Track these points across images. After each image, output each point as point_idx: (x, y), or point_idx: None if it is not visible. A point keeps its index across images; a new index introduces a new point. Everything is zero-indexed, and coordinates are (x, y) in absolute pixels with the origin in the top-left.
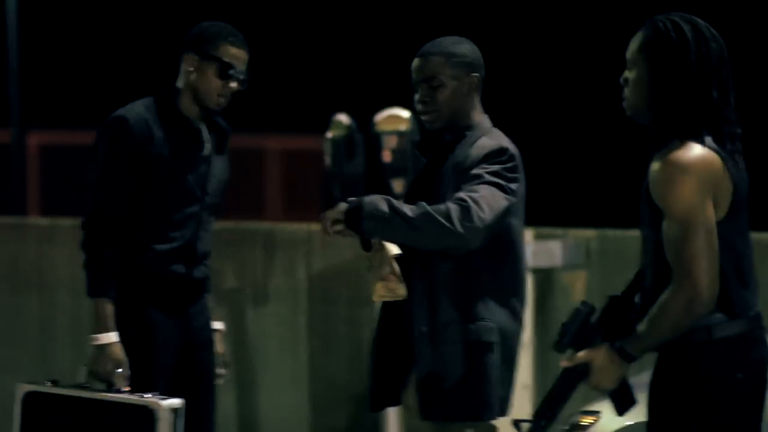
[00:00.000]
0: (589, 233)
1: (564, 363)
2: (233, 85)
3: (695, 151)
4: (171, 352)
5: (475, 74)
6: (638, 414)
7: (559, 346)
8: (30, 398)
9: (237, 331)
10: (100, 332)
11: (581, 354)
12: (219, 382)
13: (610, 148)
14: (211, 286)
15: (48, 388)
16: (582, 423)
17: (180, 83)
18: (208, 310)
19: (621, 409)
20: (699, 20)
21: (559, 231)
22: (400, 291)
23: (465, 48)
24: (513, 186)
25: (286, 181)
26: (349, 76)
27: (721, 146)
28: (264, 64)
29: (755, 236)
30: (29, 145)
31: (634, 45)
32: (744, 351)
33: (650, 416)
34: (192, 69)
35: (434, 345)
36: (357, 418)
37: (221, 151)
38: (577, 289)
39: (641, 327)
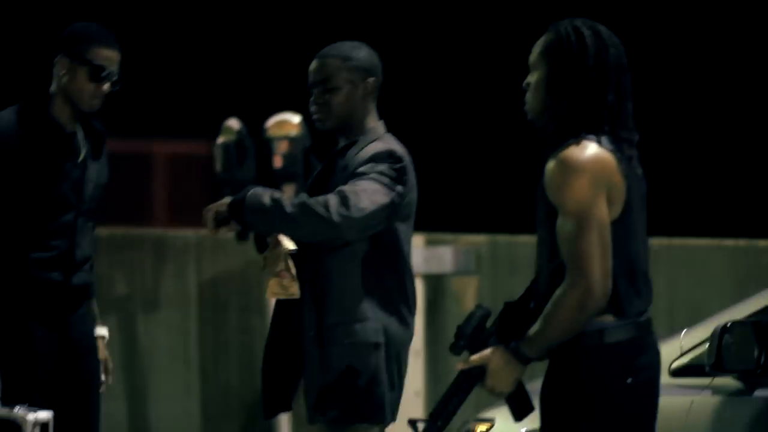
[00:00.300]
0: (480, 239)
1: (460, 365)
2: (105, 87)
3: (589, 149)
4: (49, 362)
5: (371, 79)
6: (533, 421)
7: (455, 349)
8: None
9: (127, 339)
10: None
11: (476, 356)
12: (102, 389)
13: (501, 154)
14: (94, 292)
15: None
16: (476, 430)
17: (53, 87)
18: (91, 318)
19: (518, 415)
20: (601, 27)
21: (449, 236)
22: (293, 289)
23: (363, 53)
24: (398, 188)
25: (173, 187)
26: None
27: (617, 149)
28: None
29: (695, 241)
30: None
31: (536, 49)
32: (634, 356)
33: (542, 420)
34: (64, 72)
35: (321, 347)
36: (249, 426)
37: (97, 156)
38: (468, 295)
39: (535, 326)
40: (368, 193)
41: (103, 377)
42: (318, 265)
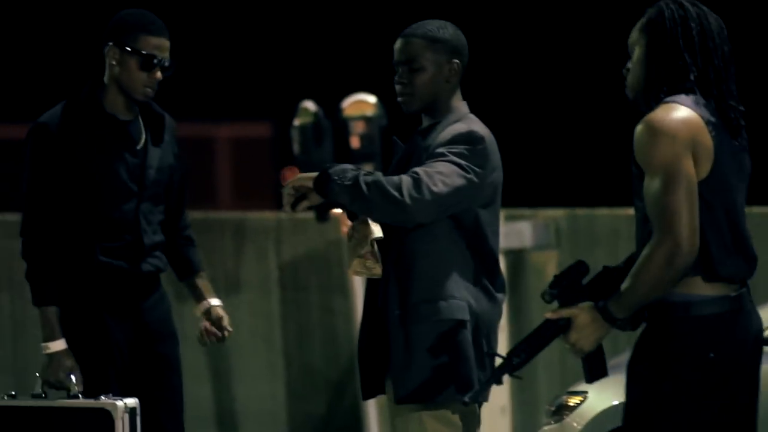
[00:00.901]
0: (559, 213)
1: (547, 314)
2: (158, 75)
3: (674, 110)
4: (125, 349)
5: (456, 61)
6: (623, 394)
7: (546, 296)
8: None
9: None
10: (49, 340)
11: (565, 309)
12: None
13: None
14: (199, 268)
15: (4, 402)
16: (569, 403)
17: (106, 77)
18: (166, 302)
19: (591, 376)
20: (699, 3)
21: (528, 211)
22: (377, 270)
23: (449, 33)
24: (477, 169)
25: (236, 170)
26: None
27: (714, 115)
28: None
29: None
30: None
31: (635, 29)
32: (720, 331)
33: (627, 389)
34: (114, 62)
35: (406, 326)
36: (334, 404)
37: (158, 140)
38: (548, 270)
39: (624, 284)
40: (443, 176)
41: (222, 339)
42: (401, 246)
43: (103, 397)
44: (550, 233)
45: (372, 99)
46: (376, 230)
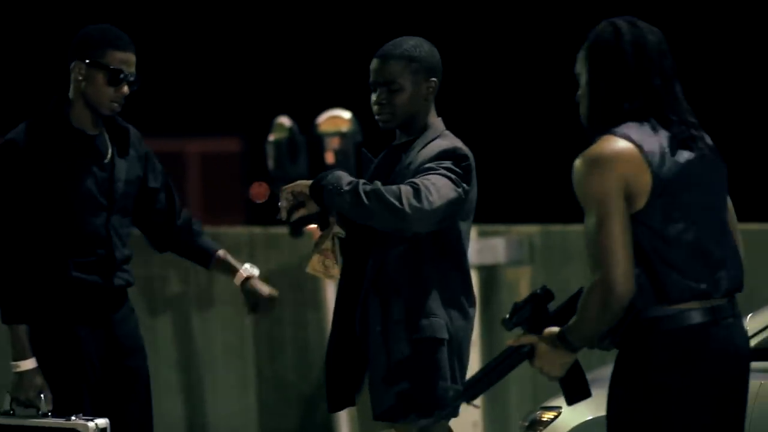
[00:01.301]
0: (532, 229)
1: (510, 342)
2: (124, 89)
3: (608, 144)
4: (96, 362)
5: (433, 79)
6: (597, 409)
7: (507, 323)
8: None
9: (182, 336)
10: (19, 359)
11: (527, 336)
12: (272, 305)
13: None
14: (213, 250)
15: None
16: (542, 419)
17: (71, 92)
18: (134, 316)
19: (570, 399)
20: (636, 19)
21: (501, 227)
22: (334, 271)
23: (425, 51)
24: (464, 184)
25: (206, 185)
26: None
27: (667, 133)
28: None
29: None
30: None
31: (579, 55)
32: (692, 343)
33: (608, 409)
34: (81, 77)
35: (387, 343)
36: (306, 420)
37: (124, 153)
38: (521, 285)
39: (573, 318)
40: (438, 187)
41: (268, 308)
42: (382, 262)
43: (74, 417)
44: (524, 249)
45: (347, 115)
46: (339, 228)
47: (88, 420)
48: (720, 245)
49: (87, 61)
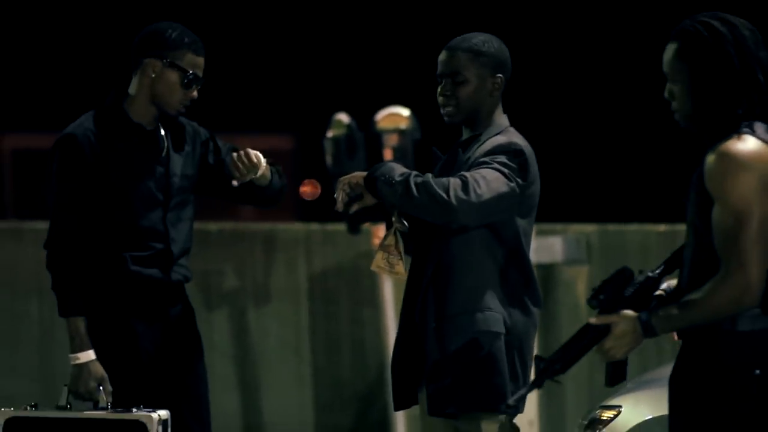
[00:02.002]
0: (590, 228)
1: (592, 320)
2: (194, 94)
3: (751, 144)
4: (155, 358)
5: (499, 75)
6: (658, 408)
7: (592, 301)
8: (11, 424)
9: (239, 332)
10: (77, 351)
11: (605, 317)
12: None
13: (609, 144)
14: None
15: (29, 413)
16: (602, 417)
17: (133, 88)
18: (192, 312)
19: (612, 381)
20: (723, 13)
21: (559, 226)
22: (399, 267)
23: (494, 47)
24: (518, 179)
25: None
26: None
27: None
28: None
29: None
30: (3, 149)
31: (669, 56)
32: (766, 347)
33: (670, 403)
34: (154, 75)
35: (441, 338)
36: (362, 417)
37: (180, 148)
38: (579, 284)
39: (676, 307)
40: (487, 181)
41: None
42: (440, 257)
43: (135, 410)
44: (582, 248)
45: (406, 112)
46: (402, 225)
47: (150, 412)
48: None
49: (164, 60)
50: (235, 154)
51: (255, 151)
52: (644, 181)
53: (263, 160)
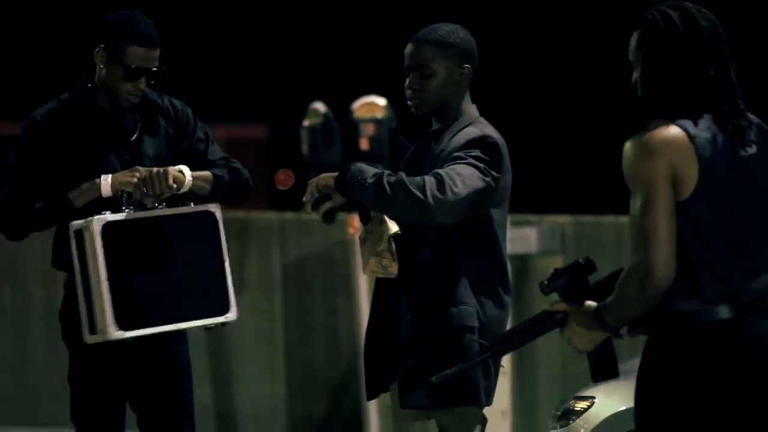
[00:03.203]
0: (564, 219)
1: (546, 306)
2: (141, 84)
3: (660, 130)
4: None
5: (466, 65)
6: (631, 399)
7: (543, 288)
8: (109, 228)
9: None
10: (98, 181)
11: (561, 304)
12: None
13: (583, 134)
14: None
15: (123, 216)
16: (575, 408)
17: (96, 74)
18: None
19: (596, 376)
20: (689, 4)
21: (534, 217)
22: (393, 269)
23: (459, 38)
24: (493, 172)
25: None
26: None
27: (719, 125)
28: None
29: None
30: None
31: (632, 44)
32: (723, 338)
33: (635, 398)
34: (102, 66)
35: (415, 331)
36: (335, 406)
37: (154, 130)
38: None
39: (610, 297)
40: (463, 177)
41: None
42: (413, 250)
43: (192, 203)
44: (556, 239)
45: (382, 101)
46: (393, 226)
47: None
48: (763, 245)
49: (108, 51)
50: (140, 175)
51: (174, 171)
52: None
53: (186, 177)
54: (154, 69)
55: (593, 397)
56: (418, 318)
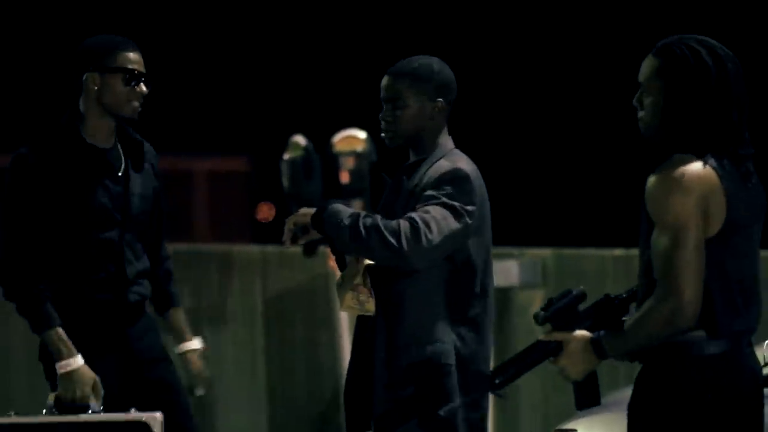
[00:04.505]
0: (546, 252)
1: (541, 337)
2: (142, 87)
3: (692, 165)
4: (113, 383)
5: (440, 99)
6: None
7: (538, 318)
8: None
9: None
10: (65, 358)
11: (559, 334)
12: (198, 392)
13: (566, 168)
14: (178, 302)
15: (18, 419)
16: None
17: (82, 107)
18: (155, 328)
19: (580, 404)
20: (714, 42)
21: (515, 250)
22: (369, 305)
23: (435, 71)
24: (468, 208)
25: (213, 203)
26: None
27: (728, 168)
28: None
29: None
30: None
31: (648, 69)
32: (719, 372)
33: (628, 427)
34: (96, 87)
35: (390, 369)
36: None
37: (139, 167)
38: (534, 308)
39: (621, 329)
40: (437, 221)
41: (199, 391)
42: (389, 288)
43: (133, 410)
44: (537, 272)
45: (362, 134)
46: (367, 260)
47: (153, 412)
48: (758, 281)
49: (100, 69)
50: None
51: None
52: (600, 206)
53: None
54: (145, 73)
55: (575, 430)
56: (393, 356)
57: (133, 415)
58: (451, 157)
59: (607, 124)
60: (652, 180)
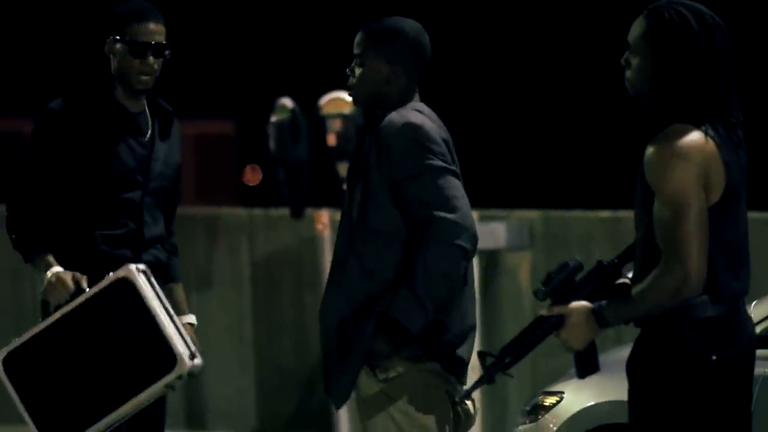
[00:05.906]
0: (533, 214)
1: (543, 311)
2: (151, 61)
3: (692, 136)
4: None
5: (398, 66)
6: (600, 394)
7: (539, 294)
8: (10, 361)
9: None
10: (45, 271)
11: (559, 307)
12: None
13: (552, 129)
14: (177, 277)
15: (18, 342)
16: (544, 403)
17: (112, 70)
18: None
19: (582, 372)
20: (704, 9)
21: (502, 212)
22: None
23: (400, 34)
24: (441, 155)
25: (199, 166)
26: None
27: (723, 136)
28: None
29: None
30: None
31: (636, 31)
32: (721, 333)
33: (629, 390)
34: (113, 55)
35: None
36: (304, 402)
37: (165, 135)
38: (521, 271)
39: (623, 299)
40: (450, 193)
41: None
42: (336, 251)
43: (111, 273)
44: (524, 234)
45: (349, 97)
46: None
47: (125, 267)
48: (747, 242)
49: (114, 38)
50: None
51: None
52: (587, 168)
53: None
54: (162, 46)
55: (562, 392)
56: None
57: (111, 277)
58: (400, 111)
59: (595, 85)
60: (651, 150)
